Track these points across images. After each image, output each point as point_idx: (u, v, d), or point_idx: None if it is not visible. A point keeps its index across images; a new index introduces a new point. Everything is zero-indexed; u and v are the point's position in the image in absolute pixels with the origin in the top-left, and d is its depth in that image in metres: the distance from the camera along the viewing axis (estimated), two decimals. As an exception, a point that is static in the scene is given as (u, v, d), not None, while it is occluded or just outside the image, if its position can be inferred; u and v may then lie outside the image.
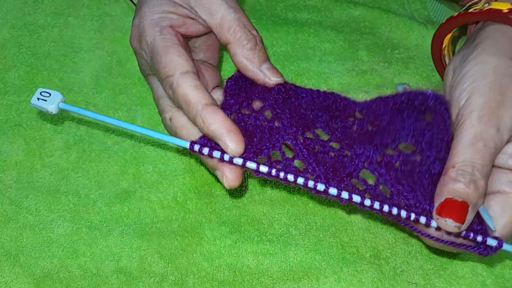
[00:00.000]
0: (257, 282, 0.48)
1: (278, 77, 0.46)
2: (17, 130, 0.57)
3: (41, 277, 0.47)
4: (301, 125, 0.44)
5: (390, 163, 0.42)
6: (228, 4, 0.44)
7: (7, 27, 0.66)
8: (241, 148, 0.40)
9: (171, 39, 0.43)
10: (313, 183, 0.39)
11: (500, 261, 0.50)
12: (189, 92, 0.41)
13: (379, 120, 0.44)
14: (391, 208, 0.39)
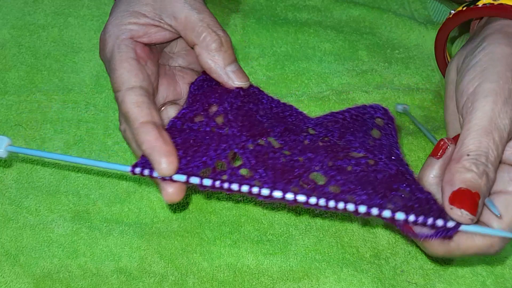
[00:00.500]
0: (257, 282, 0.48)
1: (243, 81, 0.45)
2: (17, 130, 0.57)
3: (41, 277, 0.47)
4: (254, 132, 0.43)
5: (341, 167, 0.41)
6: (191, 6, 0.43)
7: (7, 27, 0.66)
8: (170, 169, 0.39)
9: (126, 52, 0.42)
10: (257, 189, 0.39)
11: (500, 261, 0.50)
12: (130, 109, 0.40)
13: (329, 135, 0.44)
14: (337, 204, 0.38)
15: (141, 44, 0.44)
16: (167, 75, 0.47)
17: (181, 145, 0.42)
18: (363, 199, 0.38)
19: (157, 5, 0.44)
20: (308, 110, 0.60)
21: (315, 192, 0.39)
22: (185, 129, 0.44)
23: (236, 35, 0.67)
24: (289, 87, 0.62)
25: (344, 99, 0.61)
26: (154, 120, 0.40)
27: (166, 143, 0.39)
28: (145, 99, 0.41)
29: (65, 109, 0.59)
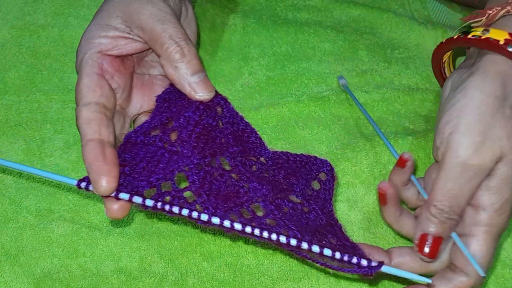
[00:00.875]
0: (257, 282, 0.48)
1: (206, 92, 0.44)
2: (17, 130, 0.57)
3: (41, 277, 0.47)
4: (206, 152, 0.43)
5: (280, 206, 0.42)
6: (156, 17, 0.43)
7: (7, 27, 0.66)
8: (106, 190, 0.39)
9: (91, 67, 0.43)
10: (197, 214, 0.39)
11: (500, 261, 0.50)
12: (80, 125, 0.41)
13: (277, 171, 0.45)
14: (270, 234, 0.39)
15: (110, 57, 0.44)
16: (144, 85, 0.47)
17: (130, 160, 0.42)
18: (296, 234, 0.39)
19: (127, 17, 0.44)
20: (308, 110, 0.60)
21: (254, 222, 0.40)
22: (138, 142, 0.44)
23: (236, 35, 0.67)
24: (289, 87, 0.62)
25: (344, 99, 0.61)
26: (101, 138, 0.41)
27: (106, 163, 0.40)
28: (97, 115, 0.41)
29: (65, 109, 0.59)
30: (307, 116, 0.59)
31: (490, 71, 0.43)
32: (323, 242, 0.40)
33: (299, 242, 0.39)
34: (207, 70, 0.64)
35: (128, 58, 0.46)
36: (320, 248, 0.39)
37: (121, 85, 0.45)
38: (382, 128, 0.58)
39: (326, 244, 0.40)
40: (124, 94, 0.45)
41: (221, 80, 0.63)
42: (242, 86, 0.62)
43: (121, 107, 0.45)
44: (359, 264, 0.39)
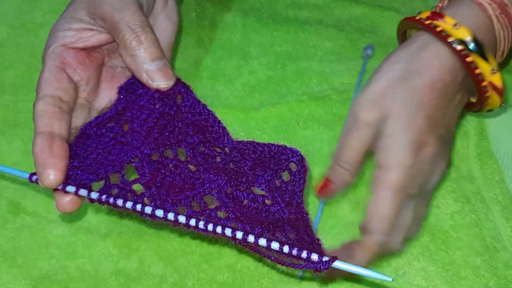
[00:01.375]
0: (257, 283, 0.48)
1: (164, 80, 0.43)
2: (15, 130, 0.57)
3: (39, 279, 0.47)
4: (161, 142, 0.42)
5: (238, 198, 0.41)
6: (115, 6, 0.42)
7: (5, 26, 0.65)
8: (51, 183, 0.39)
9: (52, 60, 0.43)
10: (140, 206, 0.38)
11: (503, 262, 0.49)
12: (34, 118, 0.41)
13: (242, 162, 0.44)
14: (215, 227, 0.38)
15: (75, 50, 0.44)
16: (115, 77, 0.47)
17: (81, 153, 0.42)
18: (244, 227, 0.38)
19: (91, 8, 0.43)
20: (309, 110, 0.59)
21: (202, 215, 0.39)
22: (91, 135, 0.43)
23: (236, 34, 0.67)
24: (290, 86, 0.62)
25: (345, 98, 0.60)
26: (52, 131, 0.40)
27: (52, 155, 0.39)
28: (50, 108, 0.41)
29: (63, 108, 0.59)
30: (308, 116, 0.59)
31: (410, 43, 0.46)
32: (275, 236, 0.38)
33: (245, 235, 0.37)
34: (206, 69, 0.63)
35: (95, 51, 0.46)
36: (268, 241, 0.37)
37: (84, 78, 0.44)
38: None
39: (277, 238, 0.38)
40: (88, 87, 0.44)
41: (221, 79, 0.62)
42: (242, 85, 0.62)
43: (86, 100, 0.45)
44: (309, 258, 0.37)
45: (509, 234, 0.51)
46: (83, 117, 0.44)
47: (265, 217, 0.40)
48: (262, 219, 0.40)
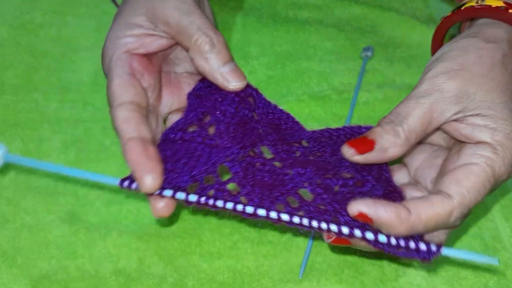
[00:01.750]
0: (257, 283, 0.47)
1: (239, 81, 0.44)
2: (15, 130, 0.57)
3: (39, 279, 0.47)
4: (246, 141, 0.43)
5: (329, 186, 0.41)
6: (180, 10, 0.43)
7: (5, 26, 0.65)
8: (152, 187, 0.39)
9: (121, 67, 0.42)
10: (242, 207, 0.38)
11: (503, 262, 0.49)
12: (118, 125, 0.41)
13: (322, 151, 0.44)
14: (319, 224, 0.38)
15: (138, 56, 0.44)
16: (171, 83, 0.47)
17: (170, 157, 0.42)
18: (347, 220, 0.38)
19: (150, 13, 0.43)
20: (309, 110, 0.59)
21: (301, 210, 0.39)
22: (177, 140, 0.43)
23: (236, 34, 0.67)
24: (290, 86, 0.62)
25: (345, 98, 0.60)
26: (142, 135, 0.40)
27: (150, 159, 0.39)
28: (134, 114, 0.41)
29: (63, 108, 0.59)
30: (308, 116, 0.59)
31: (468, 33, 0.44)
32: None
33: (351, 230, 0.37)
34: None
35: (154, 57, 0.46)
36: (374, 234, 0.37)
37: (151, 84, 0.44)
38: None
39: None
40: (155, 93, 0.45)
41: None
42: (242, 85, 0.62)
43: (153, 106, 0.45)
44: (418, 249, 0.37)
45: (508, 234, 0.51)
46: (153, 123, 0.44)
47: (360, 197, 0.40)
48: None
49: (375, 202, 0.37)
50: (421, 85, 0.41)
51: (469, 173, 0.39)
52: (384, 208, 0.37)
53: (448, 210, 0.38)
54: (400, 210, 0.37)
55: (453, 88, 0.40)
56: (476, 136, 0.40)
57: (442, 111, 0.40)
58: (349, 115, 0.58)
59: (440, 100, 0.40)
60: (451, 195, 0.38)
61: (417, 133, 0.40)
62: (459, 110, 0.40)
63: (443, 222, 0.38)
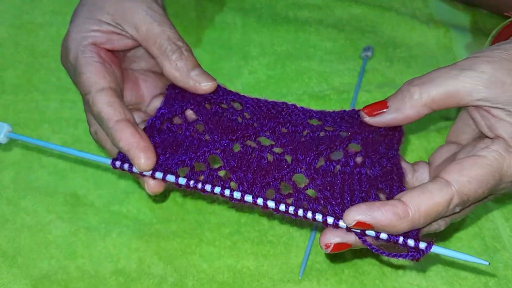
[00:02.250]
0: (257, 283, 0.47)
1: (209, 82, 0.45)
2: (15, 130, 0.56)
3: (39, 278, 0.47)
4: (239, 134, 0.43)
5: (329, 169, 0.41)
6: (152, 18, 0.44)
7: (5, 26, 0.65)
8: (148, 164, 0.40)
9: (91, 57, 0.43)
10: (229, 191, 0.39)
11: (503, 262, 0.49)
12: (102, 109, 0.41)
13: (335, 127, 0.44)
14: (305, 213, 0.38)
15: (104, 49, 0.45)
16: (129, 79, 0.48)
17: (160, 143, 0.43)
18: (335, 210, 0.38)
19: (119, 15, 0.44)
20: (309, 110, 0.59)
21: (292, 197, 0.39)
22: (164, 129, 0.45)
23: (236, 34, 0.67)
24: (290, 86, 0.62)
25: (345, 98, 0.60)
26: (128, 118, 0.42)
27: (144, 139, 0.41)
28: (116, 99, 0.42)
29: (63, 108, 0.59)
30: (308, 116, 0.59)
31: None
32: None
33: (336, 220, 0.37)
34: (206, 69, 0.63)
35: (117, 53, 0.47)
36: (361, 233, 0.37)
37: (118, 76, 0.45)
38: (383, 128, 0.58)
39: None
40: (121, 85, 0.46)
41: (221, 79, 0.62)
42: (242, 85, 0.62)
43: None
44: (405, 245, 0.36)
45: (508, 234, 0.51)
46: None
47: (357, 180, 0.40)
48: (354, 188, 0.40)
49: (370, 206, 0.36)
50: (462, 60, 0.40)
51: (475, 163, 0.38)
52: (381, 210, 0.36)
53: (448, 198, 0.37)
54: (398, 208, 0.36)
55: (489, 71, 0.38)
56: (496, 129, 0.39)
57: (470, 90, 0.38)
58: None
59: (472, 77, 0.38)
60: (450, 181, 0.37)
61: (438, 102, 0.39)
62: (489, 96, 0.38)
63: (443, 211, 0.38)
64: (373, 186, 0.40)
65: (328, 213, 0.38)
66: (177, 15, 0.68)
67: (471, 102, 0.39)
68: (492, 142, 0.39)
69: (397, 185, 0.39)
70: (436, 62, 0.65)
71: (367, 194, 0.39)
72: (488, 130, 0.40)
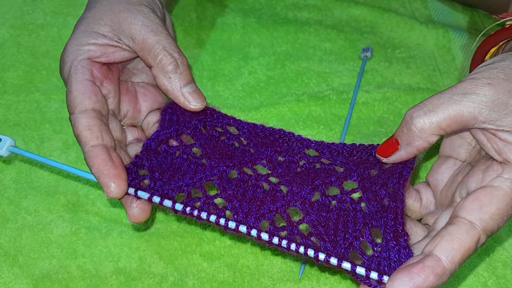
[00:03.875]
0: (257, 282, 0.48)
1: (199, 102, 0.45)
2: (16, 130, 0.57)
3: (40, 278, 0.47)
4: (236, 161, 0.43)
5: (324, 203, 0.42)
6: (148, 27, 0.44)
7: (6, 27, 0.65)
8: (117, 193, 0.40)
9: (82, 73, 0.43)
10: (224, 220, 0.39)
11: (501, 261, 0.50)
12: (81, 132, 0.41)
13: (332, 160, 0.44)
14: (298, 247, 0.38)
15: (99, 64, 0.45)
16: (129, 91, 0.48)
17: (157, 167, 0.43)
18: (327, 247, 0.38)
19: (116, 26, 0.44)
20: (309, 110, 0.59)
21: (285, 229, 0.39)
22: (161, 151, 0.45)
23: (236, 34, 0.67)
24: (290, 86, 0.62)
25: (344, 98, 0.61)
26: (105, 143, 0.41)
27: (115, 167, 0.41)
28: (96, 121, 0.42)
29: (64, 109, 0.58)
30: (308, 116, 0.59)
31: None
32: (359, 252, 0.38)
33: (327, 257, 0.37)
34: (207, 69, 0.64)
35: (113, 66, 0.47)
36: (352, 266, 0.37)
37: (111, 90, 0.45)
38: (383, 128, 0.58)
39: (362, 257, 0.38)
40: (115, 100, 0.46)
41: (221, 80, 0.63)
42: (242, 86, 0.62)
43: (113, 112, 0.46)
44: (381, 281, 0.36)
45: (507, 233, 0.51)
46: (116, 128, 0.45)
47: (352, 218, 0.40)
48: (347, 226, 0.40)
49: (409, 275, 0.35)
50: (462, 83, 0.39)
51: (492, 197, 0.38)
52: (421, 276, 0.35)
53: (476, 240, 0.37)
54: (436, 268, 0.35)
55: (491, 94, 0.38)
56: (504, 154, 0.39)
57: (474, 113, 0.38)
58: (348, 115, 0.58)
59: (475, 101, 0.38)
60: (473, 221, 0.37)
61: (445, 128, 0.39)
62: (493, 119, 0.38)
63: (473, 252, 0.37)
64: (367, 224, 0.39)
65: (320, 249, 0.38)
66: (178, 16, 0.68)
67: (477, 125, 0.39)
68: (503, 170, 0.39)
69: (392, 222, 0.39)
70: (435, 63, 0.65)
71: (360, 233, 0.39)
72: (495, 153, 0.39)
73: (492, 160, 0.40)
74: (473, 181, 0.40)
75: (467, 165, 0.43)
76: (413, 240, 0.42)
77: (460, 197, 0.41)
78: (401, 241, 0.38)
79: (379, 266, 0.37)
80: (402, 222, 0.39)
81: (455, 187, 0.42)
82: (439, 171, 0.44)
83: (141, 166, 0.43)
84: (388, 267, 0.37)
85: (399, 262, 0.37)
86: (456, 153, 0.44)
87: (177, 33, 0.66)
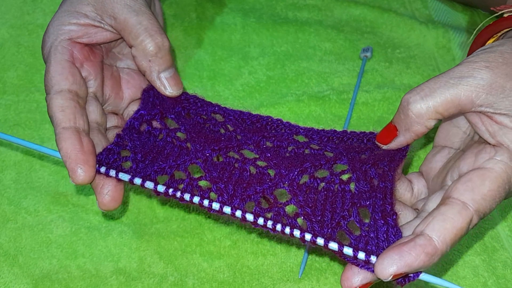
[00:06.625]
0: (257, 282, 0.48)
1: (175, 89, 0.45)
2: (16, 130, 0.57)
3: (40, 278, 0.47)
4: (222, 146, 0.43)
5: (312, 186, 0.41)
6: (130, 7, 0.43)
7: (6, 27, 0.65)
8: (83, 179, 0.39)
9: (61, 54, 0.42)
10: (208, 202, 0.39)
11: (501, 261, 0.50)
12: (54, 113, 0.41)
13: (322, 146, 0.44)
14: (283, 228, 0.37)
15: (80, 44, 0.44)
16: (112, 77, 0.47)
17: (140, 148, 0.42)
18: (314, 227, 0.38)
19: (98, 5, 0.44)
20: (309, 110, 0.59)
21: (271, 211, 0.39)
22: (144, 131, 0.44)
23: (236, 34, 0.67)
24: (290, 86, 0.62)
25: (344, 98, 0.61)
26: (77, 126, 0.40)
27: (83, 152, 0.39)
28: (71, 103, 0.41)
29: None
30: (308, 116, 0.59)
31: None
32: (347, 229, 0.37)
33: (314, 237, 0.37)
34: (207, 69, 0.64)
35: (96, 47, 0.46)
36: (339, 246, 0.36)
37: (92, 73, 0.44)
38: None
39: (350, 237, 0.37)
40: (96, 82, 0.45)
41: (221, 80, 0.63)
42: (242, 86, 0.62)
43: (95, 95, 0.45)
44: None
45: (507, 233, 0.51)
46: (97, 111, 0.44)
47: (340, 199, 0.40)
48: (335, 207, 0.39)
49: (400, 253, 0.34)
50: (458, 66, 0.39)
51: (484, 178, 0.37)
52: (412, 254, 0.34)
53: (468, 221, 0.36)
54: (427, 247, 0.35)
55: (488, 77, 0.37)
56: (499, 137, 0.38)
57: (472, 97, 0.38)
58: (349, 115, 0.58)
59: (472, 85, 0.37)
60: (466, 202, 0.37)
61: (442, 112, 0.39)
62: (490, 102, 0.38)
63: (465, 233, 0.37)
64: (355, 204, 0.39)
65: (307, 230, 0.37)
66: (178, 16, 0.68)
67: (474, 109, 0.38)
68: (496, 152, 0.38)
69: (381, 202, 0.38)
70: (435, 63, 0.65)
71: (348, 213, 0.38)
72: (489, 136, 0.39)
73: (485, 144, 0.40)
74: (465, 164, 0.40)
75: (460, 152, 0.43)
76: (403, 222, 0.41)
77: (452, 180, 0.40)
78: (389, 220, 0.37)
79: (367, 246, 0.36)
80: (391, 202, 0.38)
81: (446, 171, 0.42)
82: (433, 160, 0.44)
83: (124, 146, 0.42)
84: (376, 246, 0.36)
85: (388, 241, 0.36)
86: (450, 142, 0.44)
87: (177, 33, 0.66)
